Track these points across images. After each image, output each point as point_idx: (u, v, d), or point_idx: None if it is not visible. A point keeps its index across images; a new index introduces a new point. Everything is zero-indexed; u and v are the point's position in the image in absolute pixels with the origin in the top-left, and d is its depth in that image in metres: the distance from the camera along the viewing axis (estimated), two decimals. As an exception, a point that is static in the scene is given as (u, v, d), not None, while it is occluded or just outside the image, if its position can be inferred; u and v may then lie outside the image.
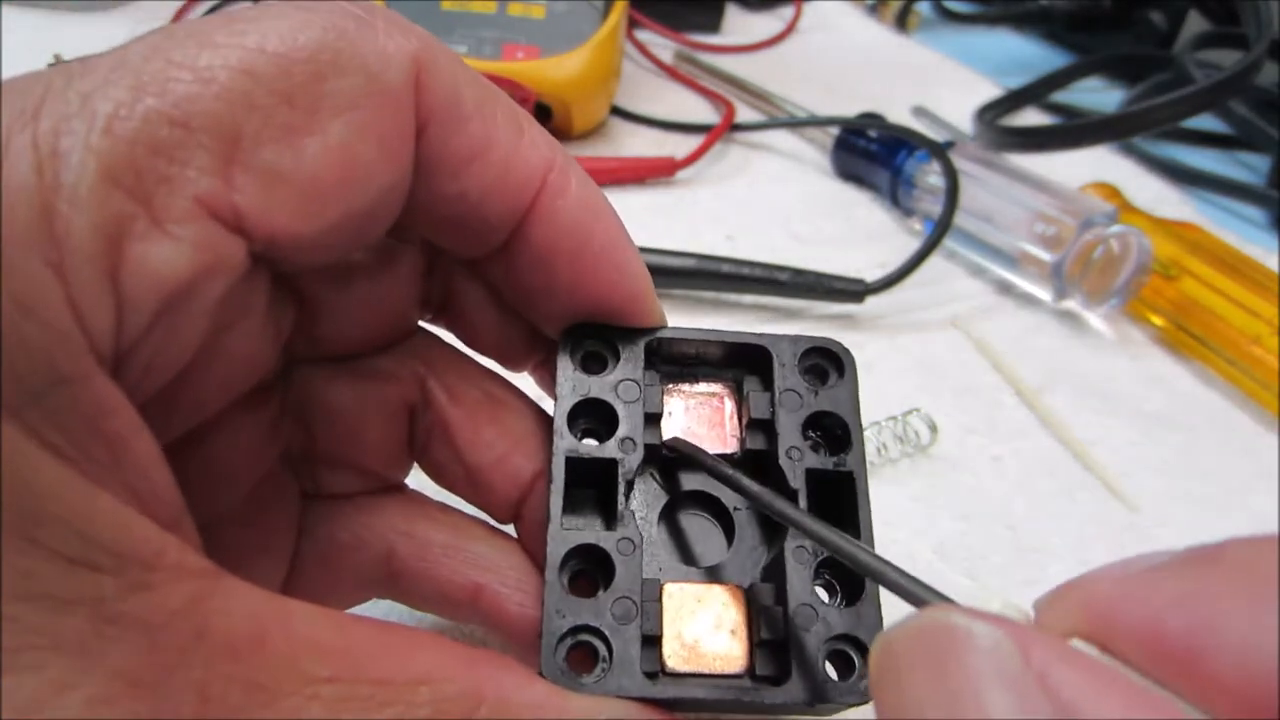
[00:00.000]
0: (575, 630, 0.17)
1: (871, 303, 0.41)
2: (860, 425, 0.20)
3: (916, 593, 0.14)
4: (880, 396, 0.37)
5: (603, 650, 0.17)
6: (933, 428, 0.34)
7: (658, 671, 0.18)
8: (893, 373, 0.39)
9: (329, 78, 0.15)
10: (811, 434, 0.20)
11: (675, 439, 0.20)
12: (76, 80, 0.14)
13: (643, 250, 0.39)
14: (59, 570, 0.12)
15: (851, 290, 0.40)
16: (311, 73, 0.15)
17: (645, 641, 0.18)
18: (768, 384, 0.21)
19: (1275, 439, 0.39)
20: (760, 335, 0.21)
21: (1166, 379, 0.41)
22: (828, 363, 0.21)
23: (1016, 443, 0.36)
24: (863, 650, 0.18)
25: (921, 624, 0.12)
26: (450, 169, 0.17)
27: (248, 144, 0.15)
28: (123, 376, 0.13)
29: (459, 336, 0.22)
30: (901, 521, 0.32)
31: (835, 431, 0.20)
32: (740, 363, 0.21)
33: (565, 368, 0.20)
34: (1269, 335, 0.39)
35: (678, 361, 0.21)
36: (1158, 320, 0.43)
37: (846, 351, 0.21)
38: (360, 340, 0.20)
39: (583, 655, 0.18)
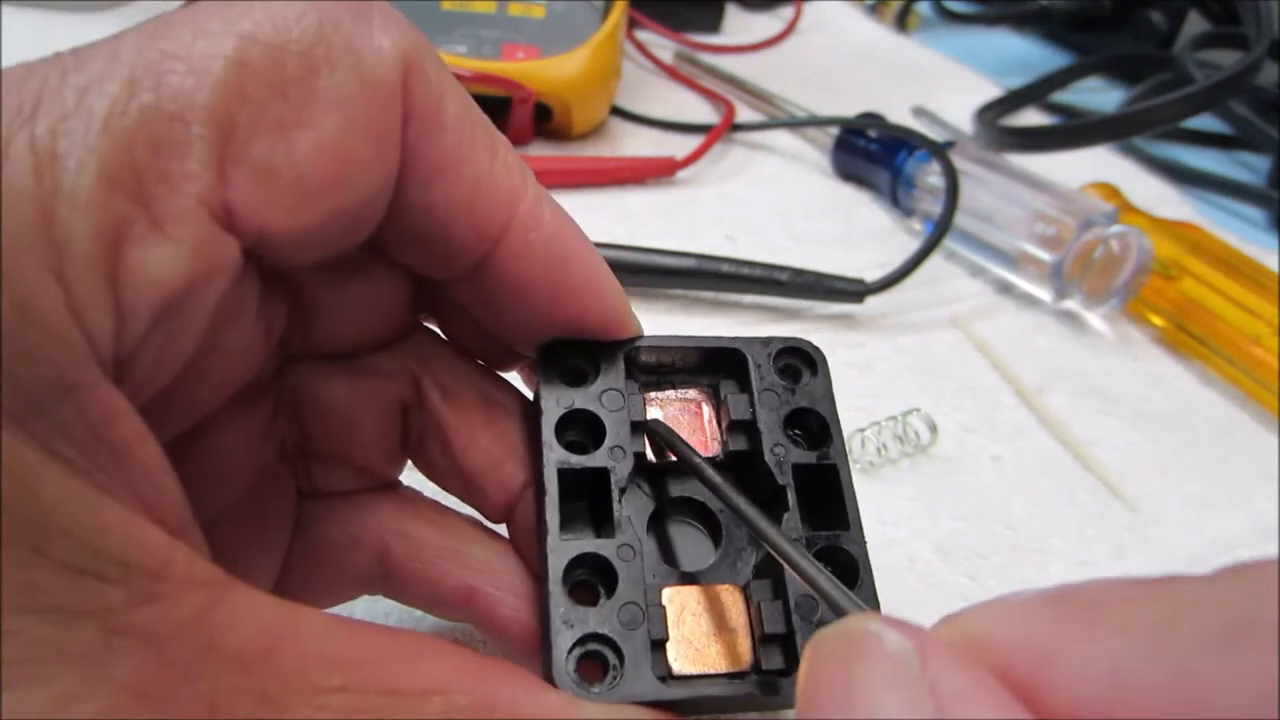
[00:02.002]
0: (584, 639, 0.17)
1: (871, 303, 0.41)
2: (838, 419, 0.21)
3: (838, 600, 0.15)
4: (880, 396, 0.37)
5: (612, 658, 0.17)
6: (933, 428, 0.34)
7: (666, 675, 0.18)
8: (893, 373, 0.39)
9: (322, 71, 0.15)
10: (791, 431, 0.21)
11: (655, 421, 0.20)
12: (71, 75, 0.13)
13: (643, 250, 0.39)
14: (66, 582, 0.12)
15: (851, 290, 0.40)
16: (305, 65, 0.15)
17: (653, 645, 0.18)
18: (744, 386, 0.21)
19: (1275, 439, 0.39)
20: (733, 339, 0.21)
21: (1166, 379, 0.41)
22: (800, 362, 0.21)
23: (1016, 443, 0.36)
24: None
25: (845, 627, 0.13)
26: (420, 178, 0.17)
27: (241, 138, 0.14)
28: (124, 381, 0.13)
29: (448, 336, 0.22)
30: (901, 521, 0.32)
31: (814, 427, 0.21)
32: (715, 367, 0.22)
33: (548, 382, 0.20)
34: (1269, 335, 0.39)
35: (654, 370, 0.21)
36: (1158, 320, 0.43)
37: (817, 349, 0.21)
38: (355, 339, 0.20)
39: (593, 664, 0.17)
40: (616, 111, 0.53)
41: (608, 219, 0.45)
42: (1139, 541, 0.33)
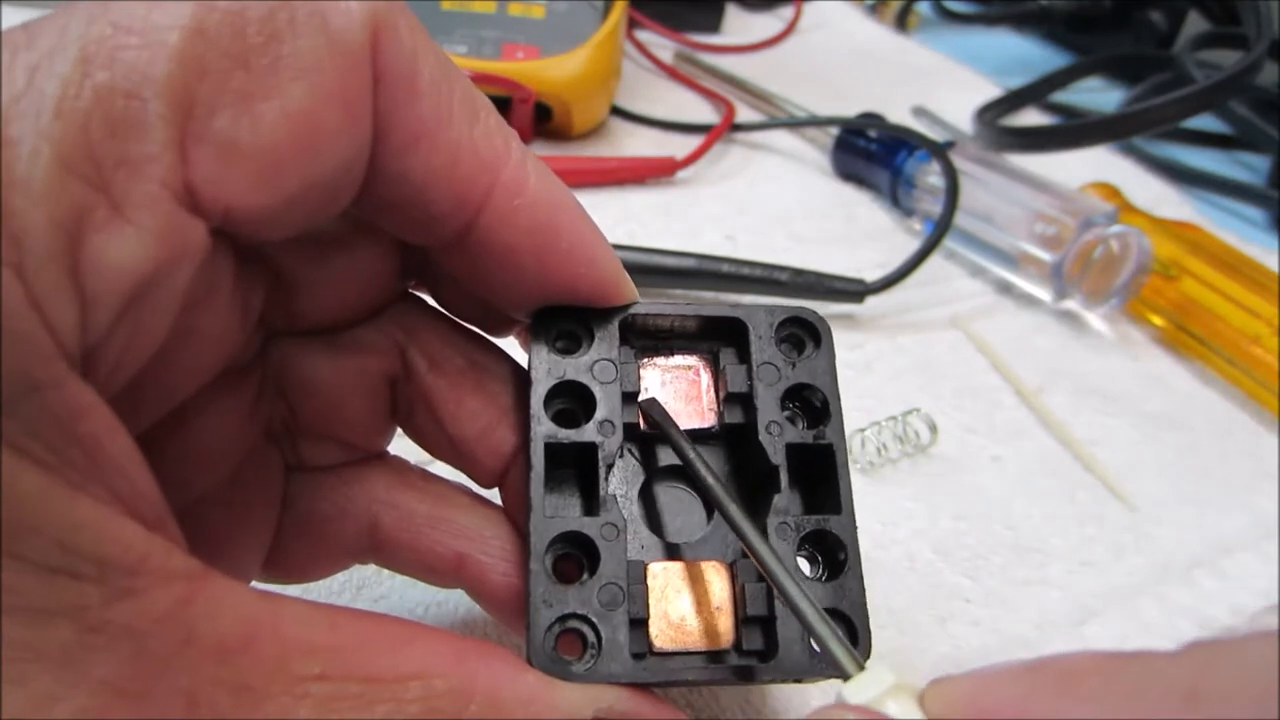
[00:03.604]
0: (563, 618, 0.18)
1: (871, 303, 0.41)
2: (839, 396, 0.20)
3: (817, 629, 0.16)
4: (880, 396, 0.37)
5: (591, 636, 0.18)
6: (933, 428, 0.34)
7: (646, 652, 0.18)
8: (893, 373, 0.39)
9: (285, 37, 0.14)
10: (790, 405, 0.20)
11: (650, 401, 0.20)
12: (21, 53, 0.13)
13: (643, 250, 0.39)
14: (40, 582, 0.12)
15: (851, 290, 0.40)
16: (267, 32, 0.14)
17: (632, 625, 0.18)
18: (744, 356, 0.21)
19: (1275, 439, 0.39)
20: (735, 307, 0.21)
21: (1166, 379, 0.41)
22: (804, 333, 0.21)
23: (1016, 443, 0.36)
24: (847, 623, 0.19)
25: (824, 717, 0.14)
26: (395, 146, 0.16)
27: (201, 113, 0.14)
28: (91, 373, 0.13)
29: (440, 303, 0.21)
30: (901, 521, 0.32)
31: (814, 403, 0.20)
32: (716, 335, 0.21)
33: (539, 350, 0.19)
34: (1269, 335, 0.39)
35: (652, 336, 0.21)
36: (1158, 320, 0.43)
37: (822, 321, 0.21)
38: (339, 312, 0.20)
39: (571, 641, 0.18)
40: (616, 111, 0.53)
41: (608, 219, 0.45)
42: (1139, 541, 0.33)
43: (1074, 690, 0.12)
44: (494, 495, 0.22)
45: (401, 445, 0.22)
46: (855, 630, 0.18)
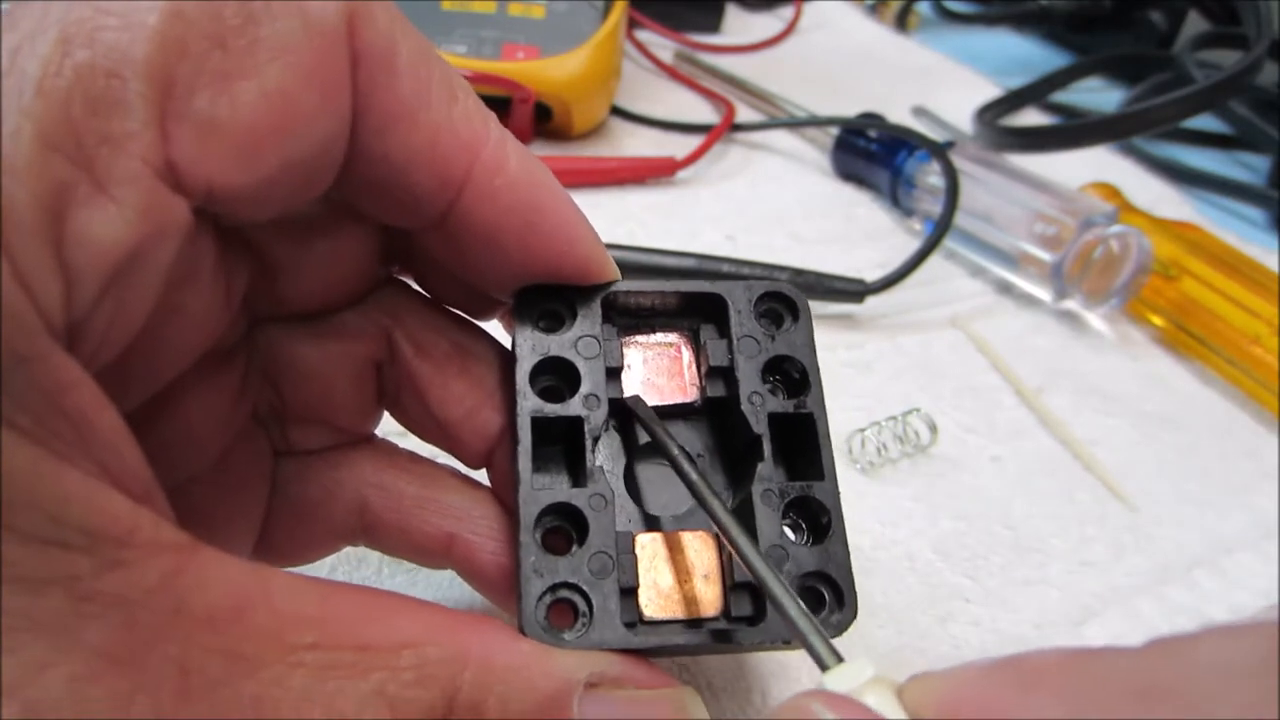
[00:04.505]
0: (554, 588, 0.18)
1: (871, 303, 0.41)
2: (817, 366, 0.21)
3: (796, 621, 0.16)
4: (880, 396, 0.37)
5: (582, 605, 0.18)
6: (933, 428, 0.34)
7: (636, 621, 0.18)
8: (893, 373, 0.39)
9: (262, 19, 0.15)
10: (771, 378, 0.21)
11: (635, 398, 0.21)
12: (3, 35, 0.13)
13: (643, 250, 0.39)
14: (32, 552, 0.12)
15: (851, 290, 0.40)
16: (244, 13, 0.14)
17: (623, 593, 0.18)
18: (724, 331, 0.21)
19: (1275, 439, 0.39)
20: (714, 283, 0.21)
21: (1166, 379, 0.41)
22: (782, 307, 0.21)
23: (1016, 443, 0.36)
24: (833, 586, 0.19)
25: (794, 704, 0.14)
26: (374, 126, 0.16)
27: (181, 92, 0.14)
28: (77, 348, 0.13)
29: (424, 288, 0.22)
30: (901, 521, 0.32)
31: (793, 374, 0.21)
32: (696, 312, 0.21)
33: (523, 328, 0.20)
34: (1269, 335, 0.39)
35: (633, 314, 0.21)
36: (1158, 320, 0.43)
37: (800, 295, 0.21)
38: (323, 296, 0.20)
39: (563, 610, 0.18)
40: (616, 111, 0.53)
41: (608, 219, 0.45)
42: (1139, 541, 0.33)
43: (1037, 688, 0.13)
44: (482, 476, 0.22)
45: (390, 428, 0.22)
46: (841, 591, 0.19)
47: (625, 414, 0.21)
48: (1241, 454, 0.38)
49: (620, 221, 0.45)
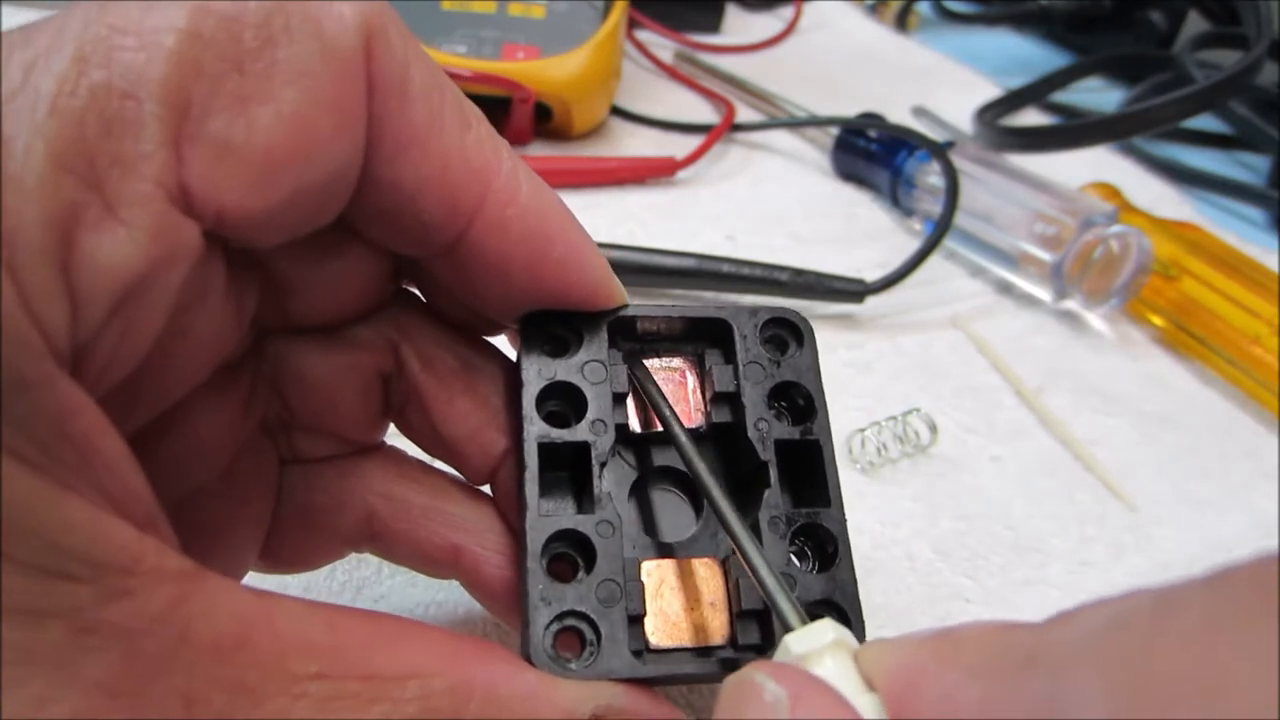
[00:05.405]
0: (562, 616, 0.18)
1: (871, 303, 0.41)
2: (823, 392, 0.21)
3: (781, 606, 0.16)
4: (880, 396, 0.37)
5: (590, 634, 0.18)
6: (933, 428, 0.34)
7: (643, 649, 0.18)
8: (893, 373, 0.39)
9: (281, 42, 0.14)
10: (776, 404, 0.21)
11: (640, 365, 0.21)
12: (17, 51, 0.13)
13: (643, 250, 0.39)
14: (32, 583, 0.12)
15: (851, 290, 0.40)
16: (262, 36, 0.14)
17: (630, 621, 0.18)
18: (729, 356, 0.21)
19: (1275, 439, 0.39)
20: (720, 308, 0.21)
21: (1166, 379, 0.41)
22: (787, 333, 0.21)
23: (1016, 443, 0.36)
24: (840, 613, 0.19)
25: (740, 676, 0.15)
26: (387, 153, 0.16)
27: (196, 114, 0.14)
28: (81, 373, 0.13)
29: (430, 304, 0.22)
30: (901, 521, 0.32)
31: (799, 400, 0.21)
32: (701, 337, 0.21)
33: (529, 353, 0.20)
34: (1269, 335, 0.39)
35: (639, 338, 0.21)
36: (1158, 320, 0.43)
37: (805, 321, 0.21)
38: (332, 313, 0.20)
39: (570, 639, 0.18)
40: (616, 111, 0.53)
41: (608, 219, 0.45)
42: (1139, 541, 0.33)
43: (952, 660, 0.13)
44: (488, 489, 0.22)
45: (398, 437, 0.22)
46: (849, 619, 0.19)
47: (630, 440, 0.21)
48: (1241, 454, 0.38)
49: (620, 221, 0.45)
